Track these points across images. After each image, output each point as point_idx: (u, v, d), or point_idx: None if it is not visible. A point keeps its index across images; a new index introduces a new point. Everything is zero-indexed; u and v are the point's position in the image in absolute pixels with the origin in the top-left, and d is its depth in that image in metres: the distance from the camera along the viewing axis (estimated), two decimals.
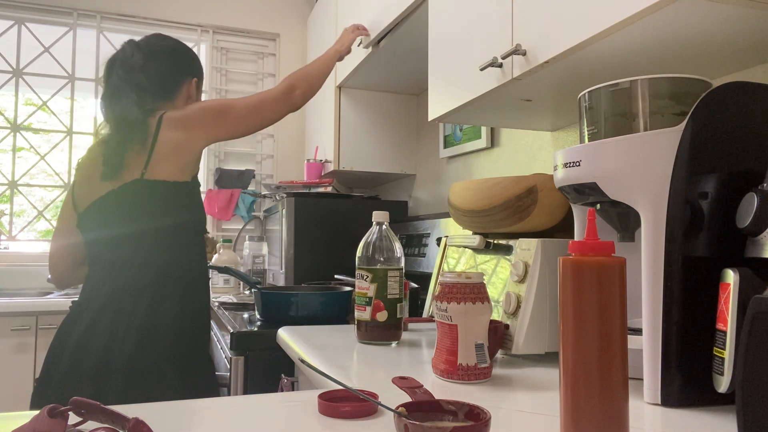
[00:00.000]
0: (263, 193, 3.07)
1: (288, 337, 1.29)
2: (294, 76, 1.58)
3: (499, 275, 1.13)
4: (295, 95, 1.54)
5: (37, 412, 0.61)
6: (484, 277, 1.01)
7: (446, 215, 2.01)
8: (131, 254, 1.32)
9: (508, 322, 1.03)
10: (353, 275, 1.35)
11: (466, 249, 1.27)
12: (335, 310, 1.65)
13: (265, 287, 1.75)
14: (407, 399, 0.67)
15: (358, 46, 2.07)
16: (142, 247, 1.32)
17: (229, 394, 1.52)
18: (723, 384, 0.67)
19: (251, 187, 3.21)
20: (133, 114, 1.35)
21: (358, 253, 1.24)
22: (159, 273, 1.31)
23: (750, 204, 0.68)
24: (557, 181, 0.89)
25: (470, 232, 1.29)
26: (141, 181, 1.31)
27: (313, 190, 2.51)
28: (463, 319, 0.88)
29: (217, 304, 2.11)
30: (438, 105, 1.45)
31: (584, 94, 0.88)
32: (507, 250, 1.13)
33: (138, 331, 1.25)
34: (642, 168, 0.75)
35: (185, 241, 1.37)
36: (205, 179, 3.18)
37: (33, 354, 2.42)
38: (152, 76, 1.44)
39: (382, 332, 1.20)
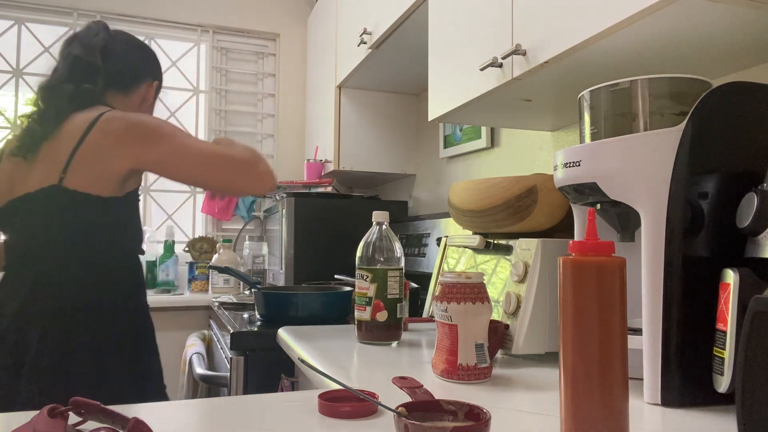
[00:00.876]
0: None
1: (288, 337, 1.29)
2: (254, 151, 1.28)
3: (499, 275, 1.13)
4: (261, 168, 1.24)
5: (36, 412, 0.61)
6: (484, 277, 1.01)
7: (446, 215, 2.01)
8: (44, 271, 1.17)
9: (508, 322, 1.03)
10: (353, 275, 1.35)
11: (466, 249, 1.27)
12: (335, 310, 1.65)
13: (265, 287, 1.75)
14: (407, 399, 0.67)
15: (359, 45, 2.07)
16: (56, 265, 1.17)
17: (229, 394, 1.52)
18: (723, 384, 0.67)
19: None
20: (70, 93, 1.23)
21: (358, 253, 1.24)
22: (73, 297, 1.16)
23: (750, 204, 0.68)
24: (557, 181, 0.89)
25: (470, 232, 1.29)
26: (58, 188, 1.15)
27: (313, 190, 2.51)
28: (463, 319, 0.88)
29: (217, 304, 2.11)
30: (438, 105, 1.45)
31: (584, 94, 0.88)
32: (507, 250, 1.13)
33: (46, 368, 1.11)
34: (642, 168, 0.75)
35: (108, 263, 1.22)
36: None
37: None
38: (113, 60, 1.31)
39: (382, 332, 1.20)
